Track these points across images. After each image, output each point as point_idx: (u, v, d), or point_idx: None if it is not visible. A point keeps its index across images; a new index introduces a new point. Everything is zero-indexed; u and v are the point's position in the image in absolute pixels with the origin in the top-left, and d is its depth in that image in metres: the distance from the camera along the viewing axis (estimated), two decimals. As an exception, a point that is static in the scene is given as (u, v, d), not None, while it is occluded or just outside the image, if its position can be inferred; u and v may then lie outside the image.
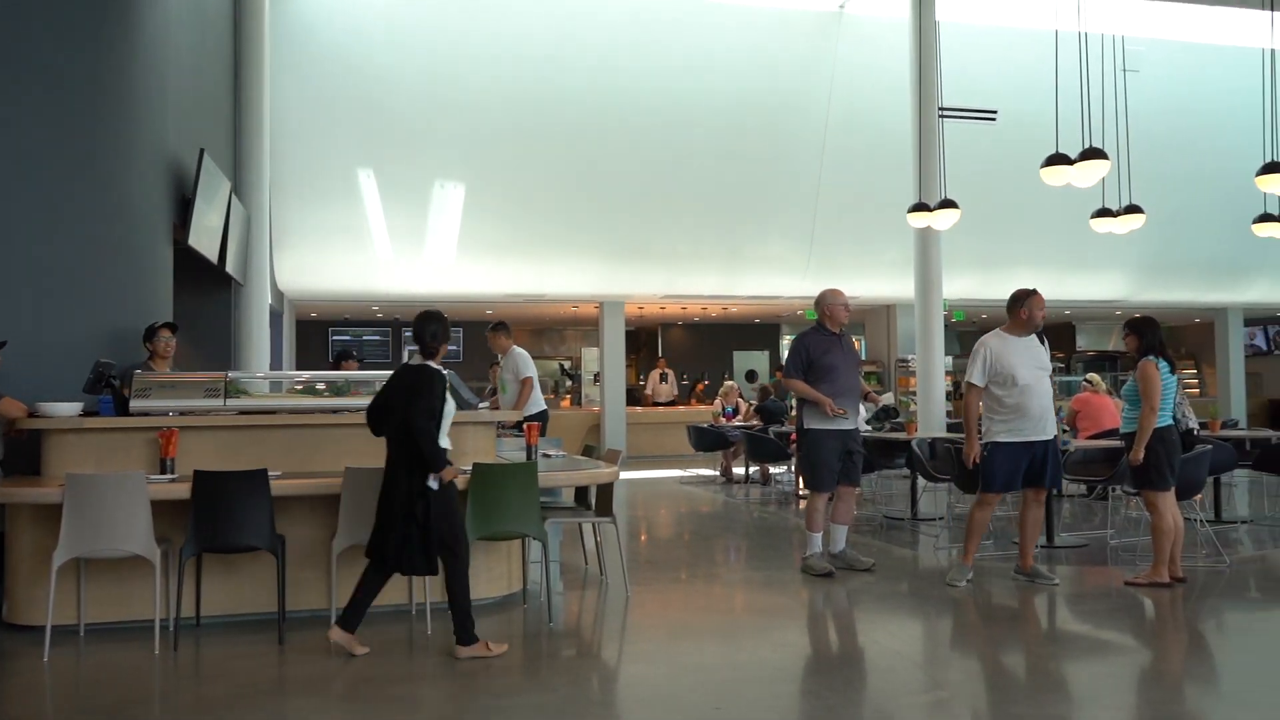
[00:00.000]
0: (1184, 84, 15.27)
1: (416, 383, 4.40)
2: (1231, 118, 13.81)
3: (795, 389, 6.34)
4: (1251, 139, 9.99)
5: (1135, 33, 13.82)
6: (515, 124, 13.50)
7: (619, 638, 5.15)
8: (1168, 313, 19.90)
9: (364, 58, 12.80)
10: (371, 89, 12.93)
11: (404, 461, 4.39)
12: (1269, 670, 4.36)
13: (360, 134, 13.16)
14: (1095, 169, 8.19)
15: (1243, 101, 11.65)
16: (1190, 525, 7.12)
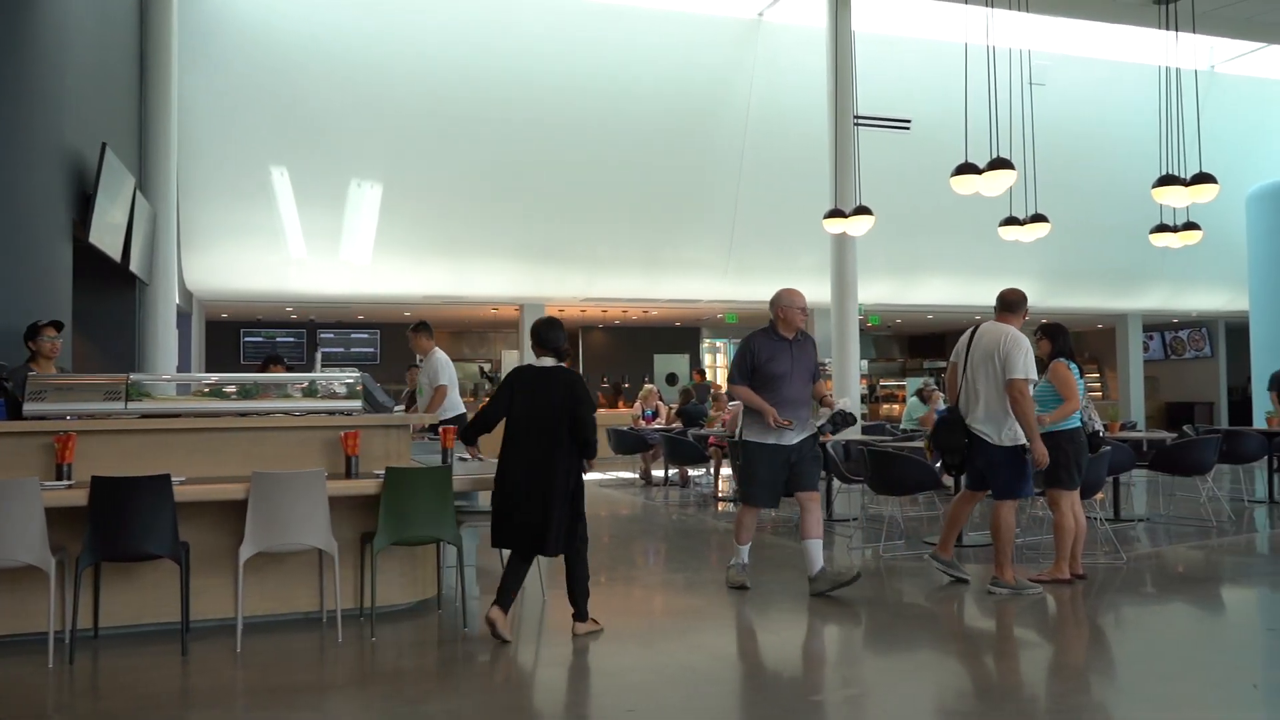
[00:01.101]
0: (1088, 98, 15.84)
1: (574, 381, 4.98)
2: (1131, 132, 14.35)
3: (739, 395, 5.87)
4: (1149, 152, 10.42)
5: (1042, 48, 14.31)
6: (435, 124, 13.35)
7: (535, 642, 5.11)
8: (1072, 319, 20.61)
9: (277, 53, 12.52)
10: (285, 85, 12.65)
11: (564, 452, 4.83)
12: (1163, 662, 4.53)
13: (273, 131, 12.86)
14: (1002, 179, 8.43)
15: (1142, 116, 12.12)
16: (1091, 523, 7.37)
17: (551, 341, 5.06)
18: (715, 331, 23.23)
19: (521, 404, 4.90)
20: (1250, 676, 4.27)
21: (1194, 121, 10.49)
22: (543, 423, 4.84)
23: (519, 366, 5.11)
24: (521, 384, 4.97)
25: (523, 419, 4.87)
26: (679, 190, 14.75)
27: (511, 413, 4.91)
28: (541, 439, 4.82)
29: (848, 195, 11.22)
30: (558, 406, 4.85)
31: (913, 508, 9.27)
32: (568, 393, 4.88)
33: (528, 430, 4.85)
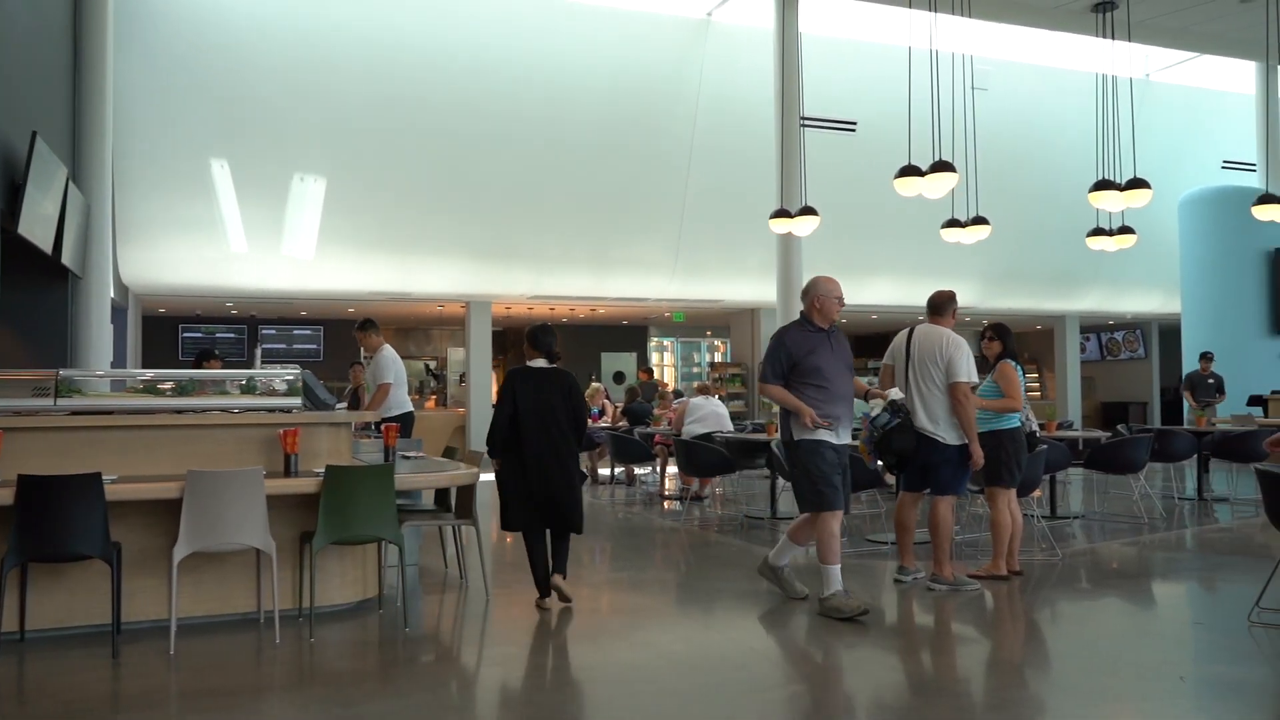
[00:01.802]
0: (1028, 103, 16.14)
1: (572, 380, 5.58)
2: (1070, 137, 14.65)
3: (773, 396, 5.30)
4: (1087, 157, 10.66)
5: (984, 53, 14.55)
6: (381, 118, 13.19)
7: (478, 642, 5.07)
8: (1012, 319, 20.98)
9: (220, 42, 12.27)
10: (227, 76, 12.40)
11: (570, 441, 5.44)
12: (1095, 656, 4.63)
13: (214, 122, 12.60)
14: (944, 181, 8.56)
15: (1080, 122, 12.39)
16: (1028, 521, 7.52)
17: (544, 345, 5.60)
18: (663, 330, 23.28)
19: (528, 402, 5.40)
20: (1178, 669, 4.38)
21: (1129, 128, 10.75)
22: (551, 417, 5.42)
23: (516, 369, 5.59)
24: (523, 384, 5.47)
25: (532, 415, 5.39)
26: (627, 188, 14.74)
27: (519, 410, 5.38)
28: (553, 431, 5.40)
29: (794, 196, 11.31)
30: (562, 402, 5.46)
31: (856, 505, 9.38)
32: (570, 390, 5.51)
33: (540, 425, 5.39)
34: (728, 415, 10.28)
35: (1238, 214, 12.44)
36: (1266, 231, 12.84)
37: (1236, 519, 8.93)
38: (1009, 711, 3.82)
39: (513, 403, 5.40)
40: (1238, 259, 14.69)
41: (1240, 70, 16.39)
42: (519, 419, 5.38)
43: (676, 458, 9.07)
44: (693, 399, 10.35)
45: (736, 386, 18.28)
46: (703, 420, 9.83)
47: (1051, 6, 11.38)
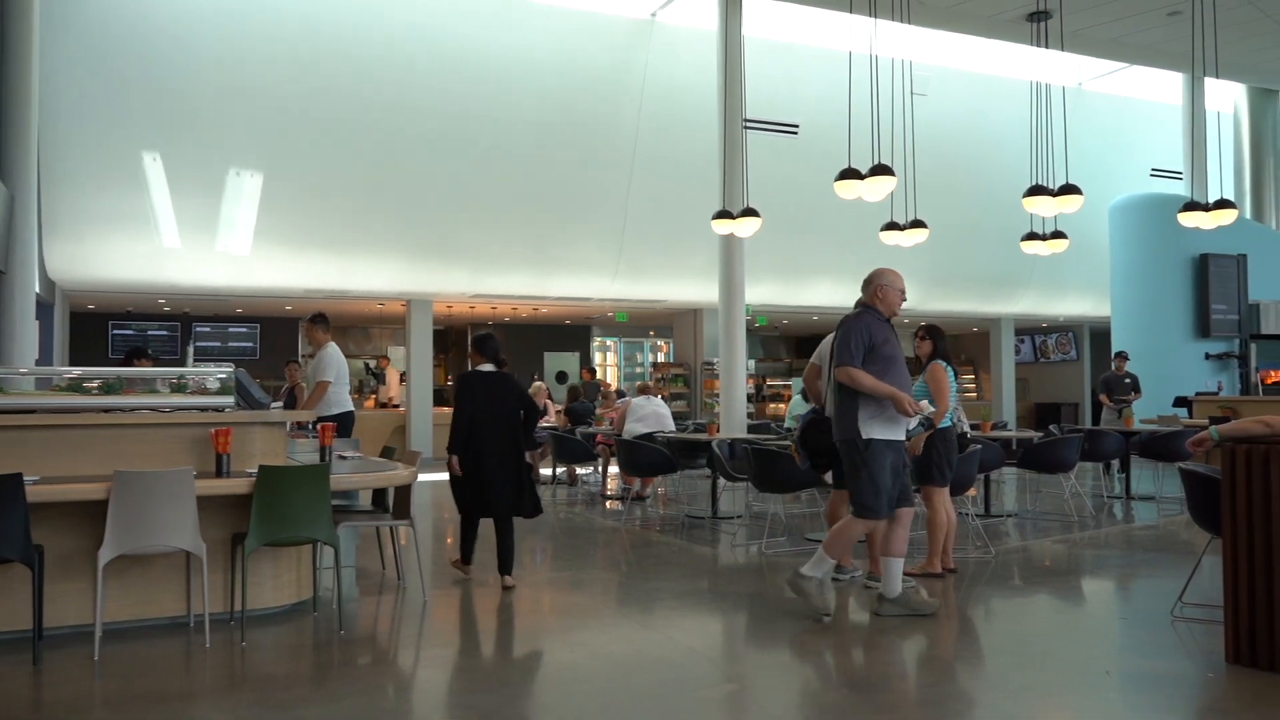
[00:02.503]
0: (966, 110, 16.45)
1: (519, 384, 6.22)
2: (1005, 143, 14.97)
3: (855, 379, 4.95)
4: (1021, 163, 10.88)
5: (924, 59, 14.79)
6: (320, 112, 13.00)
7: (415, 644, 5.01)
8: (949, 322, 21.36)
9: (151, 33, 12.00)
10: (159, 67, 12.13)
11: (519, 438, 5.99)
12: (1026, 651, 4.73)
13: (145, 115, 12.31)
14: (883, 184, 8.67)
15: (1015, 129, 12.65)
16: (962, 519, 7.65)
17: (490, 351, 6.15)
18: (606, 330, 23.26)
19: (482, 404, 5.93)
20: (1104, 663, 4.49)
21: (1062, 135, 11.00)
22: (502, 417, 5.97)
23: (467, 374, 6.12)
24: (479, 387, 6.01)
25: (485, 415, 5.91)
26: (570, 187, 14.72)
27: (477, 413, 5.89)
28: (503, 430, 5.94)
29: (736, 197, 11.37)
30: (512, 403, 6.02)
31: (795, 505, 9.47)
32: (519, 392, 6.11)
33: (492, 424, 5.91)
34: (670, 415, 10.31)
35: (1165, 220, 12.81)
36: (1192, 238, 13.24)
37: (1162, 517, 9.19)
38: (941, 706, 3.88)
39: (472, 408, 5.89)
40: (1165, 264, 15.12)
41: (1168, 81, 16.88)
42: (476, 423, 5.88)
43: (618, 457, 9.07)
44: (635, 399, 10.36)
45: (679, 386, 18.34)
46: (644, 420, 9.84)
47: (988, 15, 11.60)
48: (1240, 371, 15.13)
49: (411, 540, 6.07)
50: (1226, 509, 4.22)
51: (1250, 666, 4.09)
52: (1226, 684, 4.02)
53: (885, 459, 4.99)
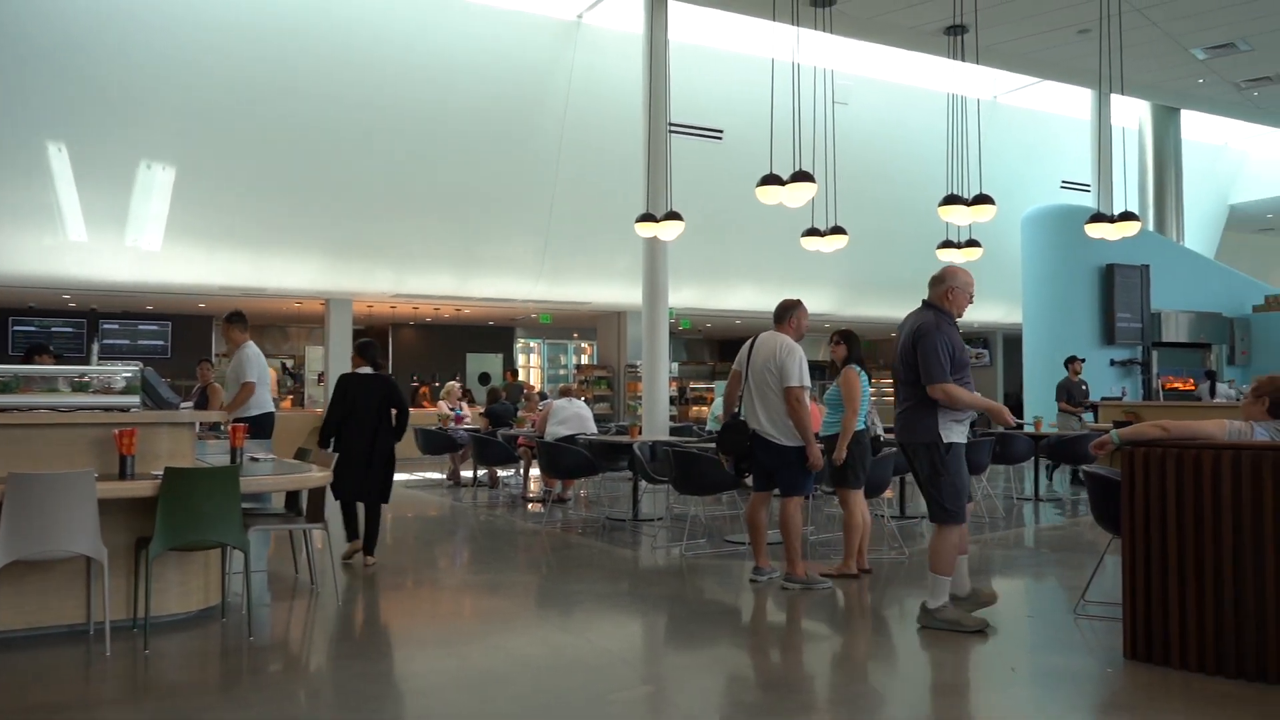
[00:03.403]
0: (885, 119, 16.78)
1: (391, 383, 6.99)
2: (923, 152, 15.30)
3: (959, 399, 4.81)
4: (938, 173, 11.13)
5: (846, 69, 15.04)
6: (236, 106, 12.67)
7: (328, 649, 4.91)
8: (869, 327, 21.75)
9: (56, 16, 11.54)
10: (66, 52, 11.68)
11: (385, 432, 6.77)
12: (937, 649, 4.83)
13: (50, 102, 11.84)
14: (804, 191, 8.79)
15: (932, 139, 12.94)
16: (878, 520, 7.80)
17: (369, 356, 7.02)
18: (529, 331, 23.15)
19: (353, 401, 6.77)
20: (1010, 660, 4.61)
21: (977, 146, 11.29)
22: (371, 414, 6.75)
23: (346, 374, 6.98)
24: (353, 387, 6.84)
25: (357, 412, 6.74)
26: (494, 188, 14.60)
27: (346, 408, 6.74)
28: (371, 425, 6.72)
29: (660, 200, 11.41)
30: (380, 402, 6.81)
31: (716, 507, 9.53)
32: (388, 392, 6.88)
33: (362, 420, 6.72)
34: (591, 418, 10.29)
35: (1074, 231, 13.22)
36: (1099, 248, 13.69)
37: (1068, 518, 9.48)
38: (854, 705, 3.95)
39: (344, 403, 6.74)
40: (1073, 273, 15.62)
41: (1078, 97, 17.46)
42: (347, 417, 6.71)
43: (539, 460, 9.02)
44: (556, 401, 10.33)
45: (602, 389, 18.34)
46: (566, 422, 9.80)
47: (907, 27, 11.84)
48: (1143, 377, 15.71)
49: (326, 544, 5.95)
50: (1126, 510, 4.37)
51: (1146, 661, 4.24)
52: (1124, 679, 4.16)
53: (963, 462, 4.95)
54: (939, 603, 4.93)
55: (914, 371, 4.91)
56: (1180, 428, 4.35)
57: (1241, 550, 4.01)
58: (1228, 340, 16.41)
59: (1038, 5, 11.00)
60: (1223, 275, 16.94)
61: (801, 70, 10.43)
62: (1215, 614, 4.05)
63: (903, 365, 5.01)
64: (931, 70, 15.82)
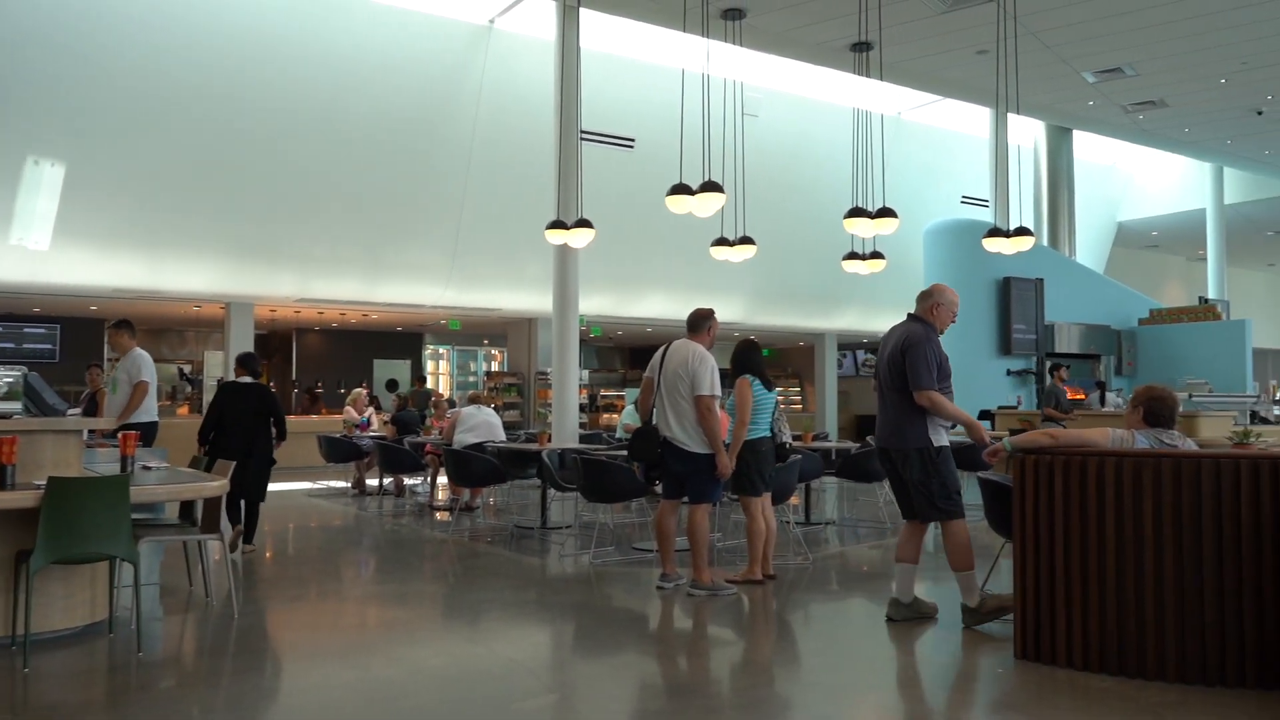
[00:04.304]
0: (794, 132, 17.09)
1: (267, 391, 7.78)
2: (830, 165, 15.61)
3: (943, 409, 5.00)
4: (844, 185, 11.38)
5: (755, 82, 15.28)
6: (132, 103, 12.24)
7: (223, 664, 4.76)
8: (777, 336, 22.11)
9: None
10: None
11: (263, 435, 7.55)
12: (838, 652, 4.93)
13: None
14: (713, 201, 8.88)
15: (839, 152, 13.23)
16: (783, 527, 7.92)
17: (250, 367, 7.78)
18: (438, 338, 22.87)
19: (229, 407, 7.49)
20: (909, 662, 4.72)
21: (882, 161, 11.59)
22: (249, 419, 7.49)
23: (226, 383, 7.78)
24: (229, 395, 7.58)
25: (235, 418, 7.45)
26: (403, 192, 14.40)
27: (224, 413, 7.47)
28: (248, 428, 7.46)
29: (570, 207, 11.40)
30: (256, 409, 7.56)
31: (625, 514, 9.55)
32: (264, 400, 7.65)
33: (235, 424, 7.45)
34: (501, 425, 10.22)
35: (973, 245, 13.64)
36: (996, 262, 14.15)
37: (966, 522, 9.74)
38: (757, 710, 3.99)
39: (220, 409, 7.49)
40: (972, 285, 16.12)
41: (978, 115, 18.05)
42: (224, 420, 7.42)
43: (447, 468, 8.91)
44: (465, 408, 10.22)
45: (512, 396, 18.21)
46: (475, 430, 9.72)
47: (814, 42, 12.08)
48: (1037, 387, 16.29)
49: (223, 555, 5.78)
50: (1017, 515, 4.52)
51: (1035, 661, 4.40)
52: (1015, 678, 4.30)
53: (951, 462, 5.15)
54: (976, 599, 5.07)
55: (903, 379, 5.10)
56: (1068, 435, 4.53)
57: (1123, 553, 4.19)
58: (1116, 351, 17.15)
59: (939, 26, 11.35)
60: (1111, 289, 17.69)
61: (712, 82, 10.56)
62: (1099, 614, 4.22)
63: (891, 373, 5.19)
64: (838, 85, 16.18)
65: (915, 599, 5.35)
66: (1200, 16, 10.97)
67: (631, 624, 5.61)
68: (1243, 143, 16.63)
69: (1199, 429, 10.42)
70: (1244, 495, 4.01)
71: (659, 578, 6.23)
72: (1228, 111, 14.77)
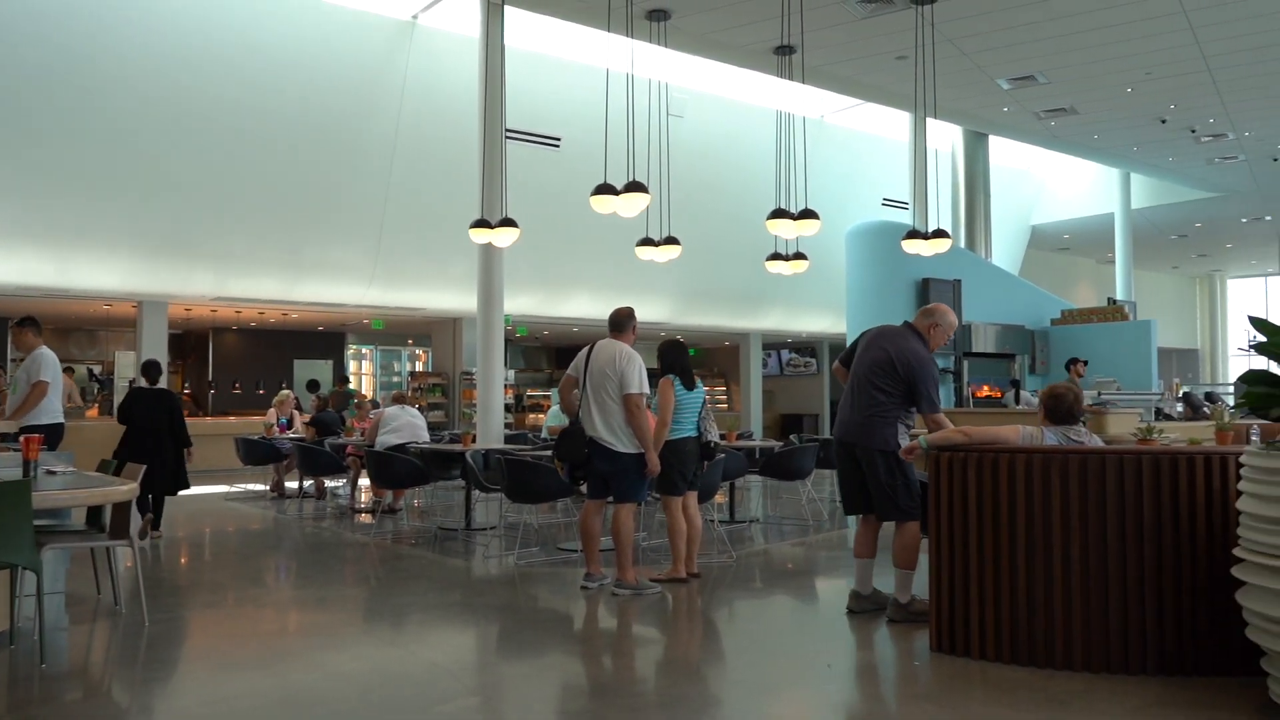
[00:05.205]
0: (719, 133, 17.22)
1: (174, 397, 8.70)
2: (754, 166, 15.79)
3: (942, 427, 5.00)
4: (768, 187, 11.51)
5: (681, 82, 15.36)
6: (40, 93, 11.80)
7: (130, 674, 4.62)
8: (702, 336, 22.26)
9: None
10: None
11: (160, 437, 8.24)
12: (760, 649, 4.99)
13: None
14: (637, 201, 8.90)
15: (763, 154, 13.37)
16: (709, 525, 7.98)
17: (152, 375, 8.58)
18: (361, 338, 22.52)
19: (141, 412, 8.27)
20: (827, 657, 4.80)
21: (804, 163, 11.74)
22: (157, 424, 8.28)
23: (134, 389, 8.60)
24: (138, 400, 8.39)
25: (144, 422, 8.23)
26: (324, 189, 14.13)
27: (133, 416, 8.25)
28: (156, 433, 8.24)
29: (495, 206, 11.32)
30: (164, 414, 8.35)
31: (550, 515, 9.53)
32: (170, 406, 8.47)
33: (145, 428, 8.21)
34: (425, 425, 10.10)
35: (893, 246, 13.87)
36: (916, 263, 14.44)
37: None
38: (680, 708, 4.01)
39: (129, 413, 8.25)
40: (893, 286, 16.42)
41: (898, 119, 18.41)
42: (133, 423, 8.18)
43: (368, 469, 8.78)
44: (388, 409, 10.08)
45: (437, 396, 18.01)
46: (397, 430, 9.58)
47: (739, 45, 12.18)
48: (955, 386, 16.67)
49: (135, 561, 5.58)
50: (933, 511, 4.63)
51: (950, 653, 4.51)
52: (931, 670, 4.40)
53: (911, 465, 5.22)
54: (908, 597, 5.17)
55: (888, 381, 5.23)
56: (981, 433, 4.65)
57: (1033, 547, 4.32)
58: (1029, 351, 17.63)
59: (860, 31, 11.54)
60: (1025, 290, 18.18)
61: (637, 82, 10.58)
62: (1010, 607, 4.35)
63: (874, 373, 5.28)
64: (763, 88, 16.34)
65: (875, 590, 5.45)
66: (1107, 28, 11.34)
67: (556, 624, 5.60)
68: (1148, 150, 17.25)
69: (1107, 425, 10.75)
70: (1145, 490, 4.16)
71: (584, 578, 6.22)
72: (1133, 119, 15.30)
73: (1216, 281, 32.34)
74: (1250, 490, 3.67)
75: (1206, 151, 17.04)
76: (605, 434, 5.92)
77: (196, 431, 15.25)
